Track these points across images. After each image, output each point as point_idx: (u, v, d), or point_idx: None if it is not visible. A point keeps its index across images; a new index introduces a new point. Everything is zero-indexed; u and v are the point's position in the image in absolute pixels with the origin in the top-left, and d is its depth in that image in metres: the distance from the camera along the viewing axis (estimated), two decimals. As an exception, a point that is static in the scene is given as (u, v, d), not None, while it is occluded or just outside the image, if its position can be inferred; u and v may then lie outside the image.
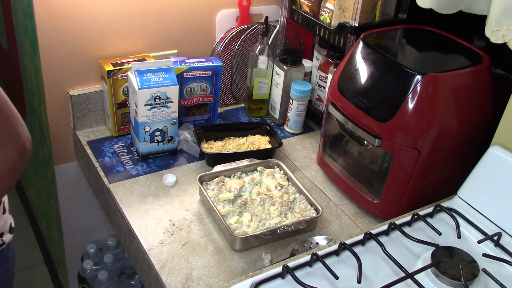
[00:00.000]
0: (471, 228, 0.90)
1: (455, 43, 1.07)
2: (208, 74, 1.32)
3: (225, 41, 1.43)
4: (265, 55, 1.39)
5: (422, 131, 0.95)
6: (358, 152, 1.13)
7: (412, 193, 1.02)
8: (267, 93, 1.45)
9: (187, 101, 1.33)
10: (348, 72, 1.07)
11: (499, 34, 0.84)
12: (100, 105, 1.35)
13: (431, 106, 0.93)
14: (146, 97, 1.15)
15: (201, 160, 1.26)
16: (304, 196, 1.10)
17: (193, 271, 0.94)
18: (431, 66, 1.03)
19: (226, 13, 1.43)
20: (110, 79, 1.24)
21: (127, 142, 1.32)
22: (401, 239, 0.87)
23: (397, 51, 1.11)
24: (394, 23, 1.23)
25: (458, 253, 0.80)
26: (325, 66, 1.35)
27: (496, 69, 1.10)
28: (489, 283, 0.78)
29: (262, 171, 1.17)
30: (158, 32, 1.36)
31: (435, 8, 0.95)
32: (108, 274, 1.55)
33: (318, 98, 1.41)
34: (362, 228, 1.08)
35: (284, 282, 0.78)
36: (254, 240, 0.99)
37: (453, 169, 1.04)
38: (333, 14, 1.25)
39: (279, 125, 1.46)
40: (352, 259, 0.80)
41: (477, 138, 1.02)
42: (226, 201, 1.07)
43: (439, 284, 0.76)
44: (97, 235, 1.62)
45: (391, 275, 0.80)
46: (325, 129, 1.21)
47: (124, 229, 1.10)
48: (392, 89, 0.97)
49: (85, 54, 1.28)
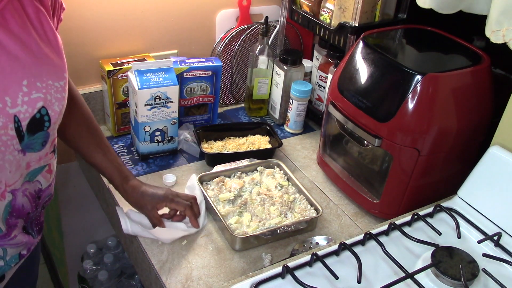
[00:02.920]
0: (471, 228, 0.90)
1: (455, 43, 1.07)
2: (208, 74, 1.32)
3: (225, 41, 1.43)
4: (265, 55, 1.39)
5: (422, 131, 0.95)
6: (358, 152, 1.13)
7: (412, 193, 1.02)
8: (267, 93, 1.45)
9: (187, 101, 1.33)
10: (348, 72, 1.07)
11: (499, 34, 0.84)
12: (100, 105, 1.35)
13: (431, 106, 0.93)
14: (146, 97, 1.15)
15: (201, 160, 1.26)
16: (304, 196, 1.10)
17: (193, 271, 0.94)
18: (431, 66, 1.03)
19: (226, 13, 1.43)
20: (110, 79, 1.24)
21: (127, 142, 1.32)
22: (401, 239, 0.87)
23: (397, 51, 1.11)
24: (394, 23, 1.23)
25: (458, 253, 0.80)
26: (325, 66, 1.35)
27: (496, 69, 1.10)
28: (489, 283, 0.78)
29: (262, 171, 1.17)
30: (158, 32, 1.36)
31: (435, 8, 0.95)
32: (108, 274, 1.55)
33: (318, 98, 1.41)
34: (362, 228, 1.08)
35: (284, 282, 0.78)
36: (254, 240, 0.99)
37: (453, 169, 1.04)
38: (333, 14, 1.25)
39: (279, 125, 1.46)
40: (352, 259, 0.80)
41: (477, 138, 1.02)
42: (226, 201, 1.07)
43: (439, 284, 0.76)
44: (97, 235, 1.62)
45: (391, 275, 0.80)
46: (325, 129, 1.21)
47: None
48: (392, 89, 0.97)
49: (85, 54, 1.28)
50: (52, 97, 0.77)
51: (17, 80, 0.72)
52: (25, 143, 0.76)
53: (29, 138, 0.76)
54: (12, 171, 0.76)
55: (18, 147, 0.75)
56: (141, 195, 0.99)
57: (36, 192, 0.84)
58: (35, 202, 0.84)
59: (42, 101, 0.75)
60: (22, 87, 0.72)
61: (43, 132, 0.78)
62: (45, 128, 0.78)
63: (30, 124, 0.75)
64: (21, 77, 0.72)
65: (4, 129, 0.72)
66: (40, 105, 0.75)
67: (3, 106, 0.71)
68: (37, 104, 0.75)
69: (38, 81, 0.75)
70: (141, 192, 1.00)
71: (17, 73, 0.72)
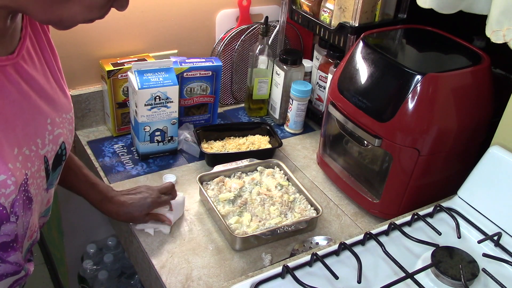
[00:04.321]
0: (471, 228, 0.90)
1: (455, 43, 1.07)
2: (208, 74, 1.32)
3: (225, 41, 1.43)
4: (265, 55, 1.39)
5: (422, 131, 0.95)
6: (358, 152, 1.13)
7: (412, 193, 1.02)
8: (267, 93, 1.45)
9: (187, 101, 1.33)
10: (348, 72, 1.07)
11: (500, 34, 0.84)
12: (100, 105, 1.35)
13: (431, 106, 0.93)
14: (146, 97, 1.15)
15: (201, 160, 1.26)
16: (304, 196, 1.10)
17: (193, 271, 0.94)
18: (431, 66, 1.03)
19: (226, 13, 1.43)
20: (110, 79, 1.24)
21: (127, 142, 1.32)
22: (401, 239, 0.87)
23: (397, 51, 1.11)
24: (394, 23, 1.23)
25: (458, 253, 0.80)
26: (325, 66, 1.35)
27: (496, 69, 1.10)
28: (489, 283, 0.78)
29: (262, 171, 1.17)
30: (158, 32, 1.36)
31: (435, 8, 0.95)
32: (108, 274, 1.55)
33: (318, 98, 1.41)
34: (362, 228, 1.08)
35: (284, 282, 0.78)
36: (254, 240, 0.99)
37: (453, 169, 1.04)
38: (333, 14, 1.25)
39: (279, 125, 1.46)
40: (352, 259, 0.80)
41: (477, 138, 1.02)
42: (226, 201, 1.07)
43: (439, 284, 0.76)
44: (97, 235, 1.62)
45: (391, 275, 0.80)
46: (325, 129, 1.21)
47: (124, 229, 1.10)
48: (392, 89, 0.97)
49: (85, 54, 1.28)
50: (67, 129, 0.75)
51: (44, 119, 0.70)
52: (49, 181, 0.74)
53: (52, 175, 0.75)
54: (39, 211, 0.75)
55: (45, 186, 0.74)
56: (128, 209, 0.98)
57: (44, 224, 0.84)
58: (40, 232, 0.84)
59: (62, 136, 0.73)
60: (47, 125, 0.71)
61: (60, 166, 0.76)
62: (62, 163, 0.76)
63: (54, 161, 0.73)
64: (46, 116, 0.70)
65: (38, 172, 0.70)
66: (61, 141, 0.73)
67: (36, 148, 0.68)
68: (59, 140, 0.73)
69: (57, 116, 0.73)
70: (128, 206, 0.98)
71: (43, 112, 0.70)
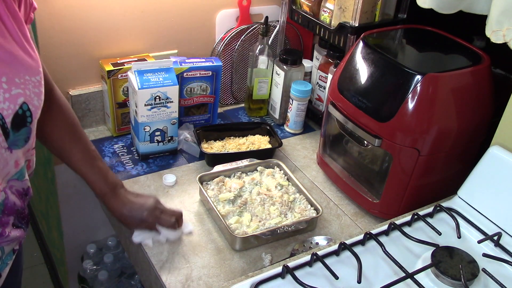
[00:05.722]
0: (471, 228, 0.90)
1: (455, 43, 1.07)
2: (208, 74, 1.32)
3: (225, 41, 1.43)
4: (265, 55, 1.39)
5: (422, 131, 0.95)
6: (358, 152, 1.13)
7: (412, 193, 1.02)
8: (267, 93, 1.45)
9: (187, 101, 1.33)
10: (348, 72, 1.07)
11: (500, 34, 0.84)
12: (100, 105, 1.35)
13: (431, 106, 0.93)
14: (146, 97, 1.15)
15: (201, 160, 1.26)
16: (304, 196, 1.10)
17: (193, 271, 0.94)
18: (431, 66, 1.03)
19: (226, 13, 1.43)
20: (110, 79, 1.24)
21: (127, 142, 1.32)
22: (401, 239, 0.87)
23: (397, 51, 1.11)
24: (394, 23, 1.23)
25: (458, 253, 0.80)
26: (325, 66, 1.35)
27: (496, 69, 1.10)
28: (489, 283, 0.78)
29: (262, 171, 1.17)
30: (158, 32, 1.36)
31: (435, 8, 0.95)
32: (108, 274, 1.55)
33: (318, 98, 1.41)
34: (362, 228, 1.08)
35: (284, 282, 0.78)
36: (254, 240, 0.99)
37: (453, 169, 1.04)
38: (333, 14, 1.25)
39: (279, 125, 1.46)
40: (352, 259, 0.80)
41: (477, 138, 1.02)
42: (226, 201, 1.07)
43: (439, 284, 0.76)
44: (97, 235, 1.62)
45: (391, 275, 0.80)
46: (325, 129, 1.21)
47: (124, 229, 1.10)
48: (392, 89, 0.97)
49: (85, 54, 1.28)
50: (31, 92, 0.77)
51: None
52: (11, 140, 0.76)
53: (14, 135, 0.76)
54: (1, 169, 0.76)
55: (5, 145, 0.75)
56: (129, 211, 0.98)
57: (24, 190, 0.85)
58: (23, 199, 0.85)
59: (22, 96, 0.75)
60: (2, 84, 0.72)
61: (26, 127, 0.78)
62: (27, 124, 0.78)
63: (14, 121, 0.75)
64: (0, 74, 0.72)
65: None
66: (21, 100, 0.75)
67: None
68: (18, 100, 0.75)
69: (16, 77, 0.74)
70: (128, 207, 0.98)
71: None
